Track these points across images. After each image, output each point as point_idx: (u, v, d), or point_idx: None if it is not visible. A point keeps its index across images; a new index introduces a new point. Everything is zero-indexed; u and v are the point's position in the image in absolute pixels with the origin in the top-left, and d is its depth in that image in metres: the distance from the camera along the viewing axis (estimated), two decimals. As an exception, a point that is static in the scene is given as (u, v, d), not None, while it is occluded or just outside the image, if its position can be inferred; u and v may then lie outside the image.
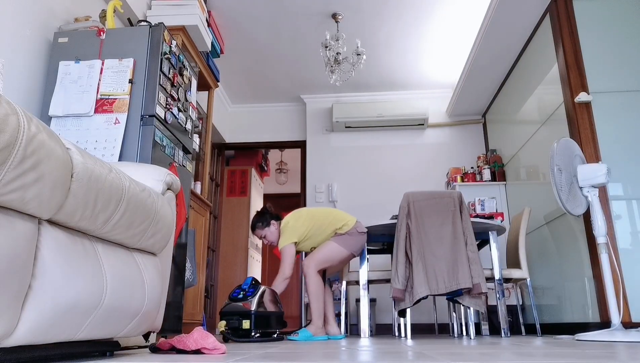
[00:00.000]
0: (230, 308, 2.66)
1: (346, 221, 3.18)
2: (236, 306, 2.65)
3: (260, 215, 3.23)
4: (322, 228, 3.15)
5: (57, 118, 2.36)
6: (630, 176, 3.05)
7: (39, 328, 0.98)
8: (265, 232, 3.19)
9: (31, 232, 0.96)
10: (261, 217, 3.22)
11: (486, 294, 3.01)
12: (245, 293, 2.69)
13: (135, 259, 1.39)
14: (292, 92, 5.62)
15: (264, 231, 3.19)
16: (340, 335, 3.18)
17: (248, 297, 2.66)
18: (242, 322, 2.57)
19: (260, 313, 2.63)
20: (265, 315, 2.68)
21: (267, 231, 3.19)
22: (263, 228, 3.19)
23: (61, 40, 2.51)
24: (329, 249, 3.09)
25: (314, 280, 3.03)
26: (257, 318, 2.59)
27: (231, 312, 2.64)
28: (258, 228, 3.21)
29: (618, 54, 3.27)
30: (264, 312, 2.67)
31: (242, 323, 2.56)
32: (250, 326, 2.55)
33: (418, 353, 1.52)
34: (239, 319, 2.59)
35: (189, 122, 2.88)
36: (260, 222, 3.20)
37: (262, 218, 3.21)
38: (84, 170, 1.07)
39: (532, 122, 3.99)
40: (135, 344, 1.80)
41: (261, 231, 3.20)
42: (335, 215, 3.21)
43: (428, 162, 5.42)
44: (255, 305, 2.62)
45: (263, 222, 3.20)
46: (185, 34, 3.32)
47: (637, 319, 2.78)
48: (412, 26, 4.36)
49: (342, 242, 3.11)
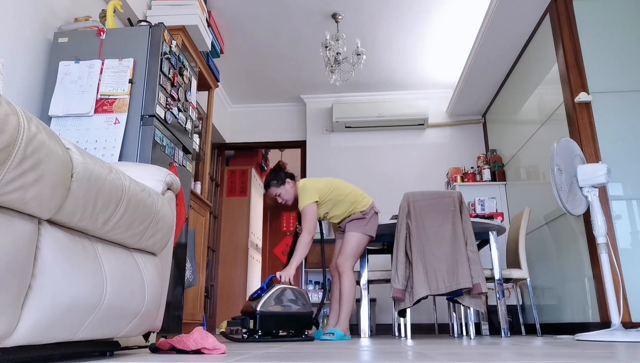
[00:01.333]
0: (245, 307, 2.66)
1: (365, 196, 3.17)
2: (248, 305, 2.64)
3: (274, 172, 3.11)
4: (342, 197, 3.09)
5: (57, 118, 2.36)
6: (630, 176, 3.05)
7: (39, 328, 0.98)
8: (280, 191, 3.07)
9: (31, 232, 0.96)
10: (276, 175, 3.09)
11: (486, 294, 3.01)
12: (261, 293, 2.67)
13: (135, 259, 1.39)
14: (292, 92, 5.62)
15: (279, 189, 3.07)
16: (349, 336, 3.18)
17: (261, 296, 2.64)
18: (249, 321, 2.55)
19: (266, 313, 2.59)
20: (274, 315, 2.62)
21: (282, 189, 3.07)
22: (278, 186, 3.07)
23: (61, 40, 2.51)
24: (356, 241, 3.05)
25: (350, 279, 3.02)
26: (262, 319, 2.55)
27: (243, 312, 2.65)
28: (273, 186, 3.08)
29: (618, 54, 3.27)
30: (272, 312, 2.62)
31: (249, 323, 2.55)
32: (255, 326, 2.52)
33: (418, 353, 1.52)
34: (247, 319, 2.57)
35: (189, 122, 2.88)
36: (275, 180, 3.08)
37: (277, 176, 3.09)
38: (84, 170, 1.07)
39: (532, 122, 3.99)
40: (135, 344, 1.80)
41: (276, 189, 3.07)
42: (354, 189, 3.17)
43: (428, 162, 5.42)
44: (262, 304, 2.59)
45: (278, 179, 3.08)
46: (185, 34, 3.32)
47: (637, 319, 2.78)
48: (412, 26, 4.36)
49: (364, 229, 3.07)
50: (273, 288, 2.67)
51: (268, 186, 3.12)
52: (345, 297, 3.00)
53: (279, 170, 3.13)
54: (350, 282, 3.02)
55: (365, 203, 3.15)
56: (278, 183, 3.09)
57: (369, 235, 3.11)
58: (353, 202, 3.13)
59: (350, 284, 3.02)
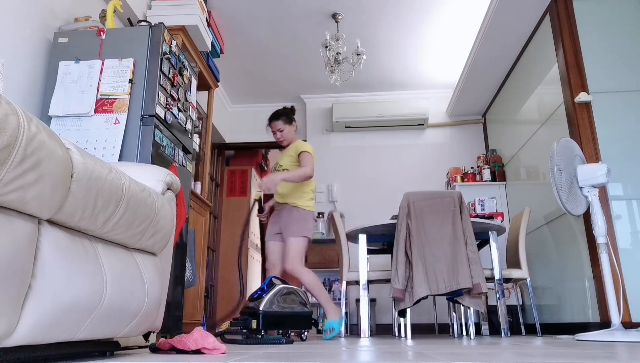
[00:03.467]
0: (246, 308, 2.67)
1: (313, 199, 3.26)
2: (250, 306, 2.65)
3: (287, 110, 3.24)
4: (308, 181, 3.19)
5: (57, 118, 2.36)
6: (630, 176, 3.05)
7: (39, 328, 0.98)
8: (285, 127, 3.20)
9: (31, 232, 0.96)
10: (288, 113, 3.24)
11: (486, 294, 3.01)
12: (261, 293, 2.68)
13: (135, 259, 1.39)
14: (292, 92, 5.62)
15: (286, 126, 3.20)
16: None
17: (262, 296, 2.65)
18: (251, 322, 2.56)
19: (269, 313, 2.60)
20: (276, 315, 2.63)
21: (288, 127, 3.22)
22: (286, 123, 3.20)
23: (61, 40, 2.51)
24: (297, 245, 3.10)
25: (305, 272, 3.06)
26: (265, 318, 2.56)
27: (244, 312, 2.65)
28: (282, 119, 3.20)
29: (618, 54, 3.27)
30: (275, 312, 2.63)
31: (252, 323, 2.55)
32: (258, 326, 2.53)
33: (418, 353, 1.52)
34: (249, 319, 2.58)
35: (189, 122, 2.88)
36: (286, 116, 3.22)
37: (288, 114, 3.23)
38: (84, 170, 1.07)
39: (532, 122, 3.99)
40: (135, 344, 1.80)
41: (283, 124, 3.20)
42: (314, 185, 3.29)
43: (428, 162, 5.42)
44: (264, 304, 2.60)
45: (289, 117, 3.22)
46: (185, 34, 3.32)
47: (637, 319, 2.78)
48: (412, 26, 4.36)
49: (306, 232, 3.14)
50: (274, 288, 2.68)
51: (277, 117, 3.22)
52: (313, 291, 3.05)
53: (290, 111, 3.27)
54: (308, 276, 3.05)
55: (313, 205, 3.25)
56: (287, 120, 3.23)
57: (309, 238, 3.18)
58: (306, 192, 3.20)
59: (310, 276, 3.06)
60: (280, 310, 2.66)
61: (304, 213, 3.17)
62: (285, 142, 3.28)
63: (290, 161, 3.21)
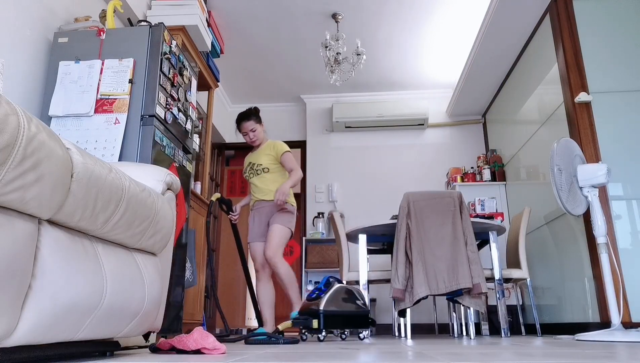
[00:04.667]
0: (305, 307, 2.69)
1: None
2: (309, 305, 2.66)
3: (255, 110, 3.30)
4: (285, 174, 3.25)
5: (57, 118, 2.36)
6: (630, 176, 3.05)
7: (39, 329, 0.98)
8: (257, 127, 3.27)
9: (31, 232, 0.96)
10: (257, 112, 3.29)
11: (486, 294, 3.01)
12: (319, 293, 2.70)
13: (135, 259, 1.39)
14: (292, 92, 5.62)
15: (257, 125, 3.27)
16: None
17: (321, 296, 2.66)
18: (311, 321, 2.57)
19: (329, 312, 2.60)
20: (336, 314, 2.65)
21: (259, 127, 3.28)
22: (257, 123, 3.27)
23: (61, 40, 2.51)
24: (281, 232, 3.13)
25: (284, 265, 3.09)
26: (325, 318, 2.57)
27: (304, 312, 2.68)
28: (253, 119, 3.25)
29: (618, 54, 3.27)
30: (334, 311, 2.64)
31: (312, 323, 2.56)
32: (319, 325, 2.54)
33: (418, 353, 1.52)
34: (308, 318, 2.59)
35: (189, 122, 2.88)
36: (256, 116, 3.28)
37: (257, 114, 3.29)
38: (84, 170, 1.07)
39: (532, 122, 3.99)
40: (135, 344, 1.80)
41: (255, 123, 3.26)
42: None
43: (428, 162, 5.42)
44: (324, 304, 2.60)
45: (258, 116, 3.29)
46: (185, 34, 3.32)
47: (637, 319, 2.78)
48: (412, 26, 4.36)
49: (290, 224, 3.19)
50: (333, 288, 2.69)
51: (248, 117, 3.27)
52: (288, 284, 3.08)
53: (258, 111, 3.33)
54: (285, 267, 3.09)
55: (294, 200, 3.29)
56: (257, 120, 3.29)
57: (292, 230, 3.22)
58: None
59: (287, 269, 3.10)
60: (340, 309, 2.66)
61: (290, 208, 3.21)
62: (258, 141, 3.31)
63: (270, 160, 3.25)
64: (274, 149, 3.25)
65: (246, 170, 3.35)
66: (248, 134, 3.27)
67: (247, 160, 3.40)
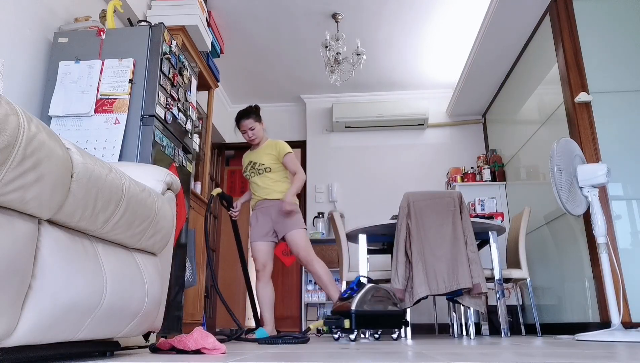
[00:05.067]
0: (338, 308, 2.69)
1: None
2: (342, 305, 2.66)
3: (255, 108, 3.29)
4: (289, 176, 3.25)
5: (57, 118, 2.36)
6: (630, 176, 3.05)
7: (39, 329, 0.98)
8: (256, 125, 3.25)
9: (31, 232, 0.96)
10: (257, 111, 3.29)
11: (486, 294, 3.01)
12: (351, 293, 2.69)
13: (135, 259, 1.39)
14: (292, 92, 5.62)
15: (256, 123, 3.25)
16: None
17: (353, 295, 2.65)
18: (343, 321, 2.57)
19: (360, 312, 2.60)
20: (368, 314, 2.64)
21: (258, 125, 3.26)
22: (256, 121, 3.25)
23: (61, 40, 2.51)
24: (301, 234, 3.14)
25: (320, 264, 3.10)
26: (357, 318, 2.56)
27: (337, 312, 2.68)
28: (252, 118, 3.24)
29: (618, 54, 3.27)
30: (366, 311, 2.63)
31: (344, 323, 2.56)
32: (351, 325, 2.53)
33: (418, 353, 1.52)
34: (340, 318, 2.59)
35: (189, 122, 2.88)
36: (255, 114, 3.27)
37: (257, 112, 3.29)
38: (84, 170, 1.07)
39: (532, 122, 3.99)
40: (135, 344, 1.80)
41: (254, 122, 3.24)
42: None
43: (428, 162, 5.42)
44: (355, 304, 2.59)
45: (257, 114, 3.28)
46: (185, 34, 3.32)
47: (637, 319, 2.78)
48: (412, 26, 4.36)
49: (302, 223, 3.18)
50: (364, 288, 2.69)
51: (248, 115, 3.25)
52: (326, 280, 3.08)
53: (258, 109, 3.32)
54: (320, 267, 3.11)
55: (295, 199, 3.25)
56: (256, 118, 3.27)
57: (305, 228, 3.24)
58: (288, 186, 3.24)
59: (325, 267, 3.12)
60: (372, 309, 2.65)
61: (295, 208, 3.19)
62: (257, 140, 3.28)
63: (272, 160, 3.23)
64: (275, 148, 3.23)
65: (246, 169, 3.32)
66: (247, 132, 3.25)
67: (246, 158, 3.36)
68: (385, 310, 2.72)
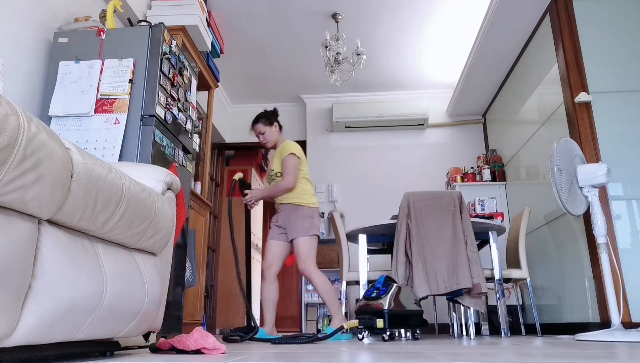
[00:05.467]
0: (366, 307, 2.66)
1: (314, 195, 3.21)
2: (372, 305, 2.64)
3: (267, 113, 3.27)
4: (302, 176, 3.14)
5: (57, 118, 2.36)
6: (630, 176, 3.05)
7: (39, 329, 0.98)
8: (266, 129, 3.19)
9: (31, 232, 0.96)
10: (267, 115, 3.25)
11: (486, 294, 3.01)
12: (379, 292, 2.68)
13: (135, 259, 1.39)
14: (292, 92, 5.62)
15: (266, 128, 3.19)
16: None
17: (381, 295, 2.64)
18: (375, 320, 2.56)
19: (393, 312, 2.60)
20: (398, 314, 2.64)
21: (268, 129, 3.19)
22: (265, 125, 3.20)
23: (61, 40, 2.51)
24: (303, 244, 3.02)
25: (319, 275, 2.98)
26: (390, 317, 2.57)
27: (365, 311, 2.65)
28: (261, 122, 3.20)
29: (618, 54, 3.26)
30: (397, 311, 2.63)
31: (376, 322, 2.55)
32: (385, 325, 2.53)
33: (418, 353, 1.52)
34: (372, 318, 2.58)
35: (189, 122, 2.88)
36: (265, 118, 3.22)
37: (267, 116, 3.24)
38: (84, 170, 1.07)
39: (532, 122, 3.99)
40: (135, 344, 1.80)
41: (263, 126, 3.19)
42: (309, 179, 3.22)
43: (428, 162, 5.42)
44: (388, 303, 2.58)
45: (268, 118, 3.22)
46: (185, 34, 3.32)
47: (637, 319, 2.78)
48: (412, 26, 4.36)
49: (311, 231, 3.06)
50: (392, 287, 2.68)
51: (257, 121, 3.23)
52: (325, 295, 2.97)
53: (271, 113, 3.27)
54: (320, 280, 2.98)
55: (315, 201, 3.16)
56: (266, 122, 3.21)
57: (316, 233, 3.10)
58: (306, 189, 3.14)
59: (322, 282, 2.98)
60: (401, 308, 2.66)
61: (308, 211, 3.08)
62: (269, 144, 3.23)
63: (280, 164, 3.16)
64: (282, 150, 3.15)
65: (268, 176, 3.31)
66: (258, 137, 3.24)
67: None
68: (412, 310, 2.74)
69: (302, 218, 3.04)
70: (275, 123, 3.22)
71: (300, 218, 3.04)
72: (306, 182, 3.17)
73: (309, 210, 3.09)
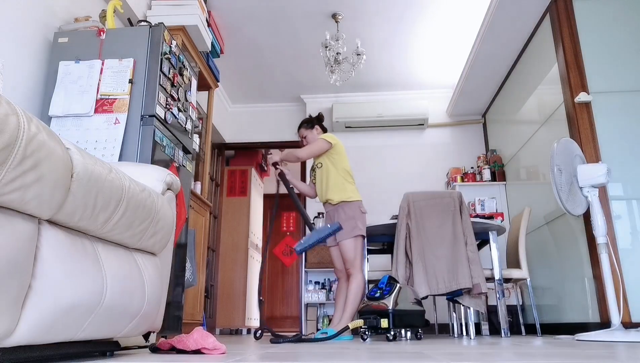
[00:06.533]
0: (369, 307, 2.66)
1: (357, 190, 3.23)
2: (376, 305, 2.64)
3: (310, 118, 3.50)
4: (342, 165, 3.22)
5: (57, 118, 2.36)
6: (630, 176, 3.05)
7: (39, 328, 0.98)
8: (307, 133, 3.39)
9: (31, 232, 0.96)
10: (310, 120, 3.46)
11: (486, 294, 3.01)
12: (382, 292, 2.68)
13: (135, 259, 1.39)
14: (292, 92, 5.62)
15: (307, 131, 3.39)
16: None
17: (385, 295, 2.65)
18: (380, 320, 2.57)
19: (397, 311, 2.61)
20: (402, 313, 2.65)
21: (309, 132, 3.38)
22: (307, 129, 3.40)
23: (61, 40, 2.51)
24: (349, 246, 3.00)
25: (358, 280, 2.99)
26: (395, 317, 2.58)
27: (369, 311, 2.65)
28: (303, 127, 3.42)
29: (618, 54, 3.26)
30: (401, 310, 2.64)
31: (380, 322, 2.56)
32: (389, 324, 2.54)
33: (418, 353, 1.52)
34: (376, 318, 2.59)
35: (189, 122, 2.88)
36: (307, 123, 3.43)
37: (309, 120, 3.46)
38: (84, 170, 1.07)
39: (532, 122, 3.99)
40: (135, 344, 1.80)
41: (305, 131, 3.40)
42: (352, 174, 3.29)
43: (428, 162, 5.42)
44: (392, 303, 2.59)
45: (309, 123, 3.43)
46: (185, 34, 3.32)
47: (637, 319, 2.78)
48: (412, 26, 4.36)
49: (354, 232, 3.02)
50: (396, 287, 2.69)
51: (299, 127, 3.46)
52: (350, 298, 2.97)
53: (313, 118, 3.49)
54: (357, 283, 2.98)
55: (357, 193, 3.16)
56: (308, 127, 3.41)
57: (361, 234, 3.06)
58: (343, 183, 3.15)
59: (357, 285, 2.98)
60: (405, 308, 2.68)
61: (350, 207, 3.07)
62: None
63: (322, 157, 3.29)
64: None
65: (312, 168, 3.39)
66: (302, 141, 3.42)
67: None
68: (413, 309, 2.75)
69: (343, 221, 3.04)
70: (317, 126, 3.41)
71: (342, 221, 3.04)
72: (343, 175, 3.20)
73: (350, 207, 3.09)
